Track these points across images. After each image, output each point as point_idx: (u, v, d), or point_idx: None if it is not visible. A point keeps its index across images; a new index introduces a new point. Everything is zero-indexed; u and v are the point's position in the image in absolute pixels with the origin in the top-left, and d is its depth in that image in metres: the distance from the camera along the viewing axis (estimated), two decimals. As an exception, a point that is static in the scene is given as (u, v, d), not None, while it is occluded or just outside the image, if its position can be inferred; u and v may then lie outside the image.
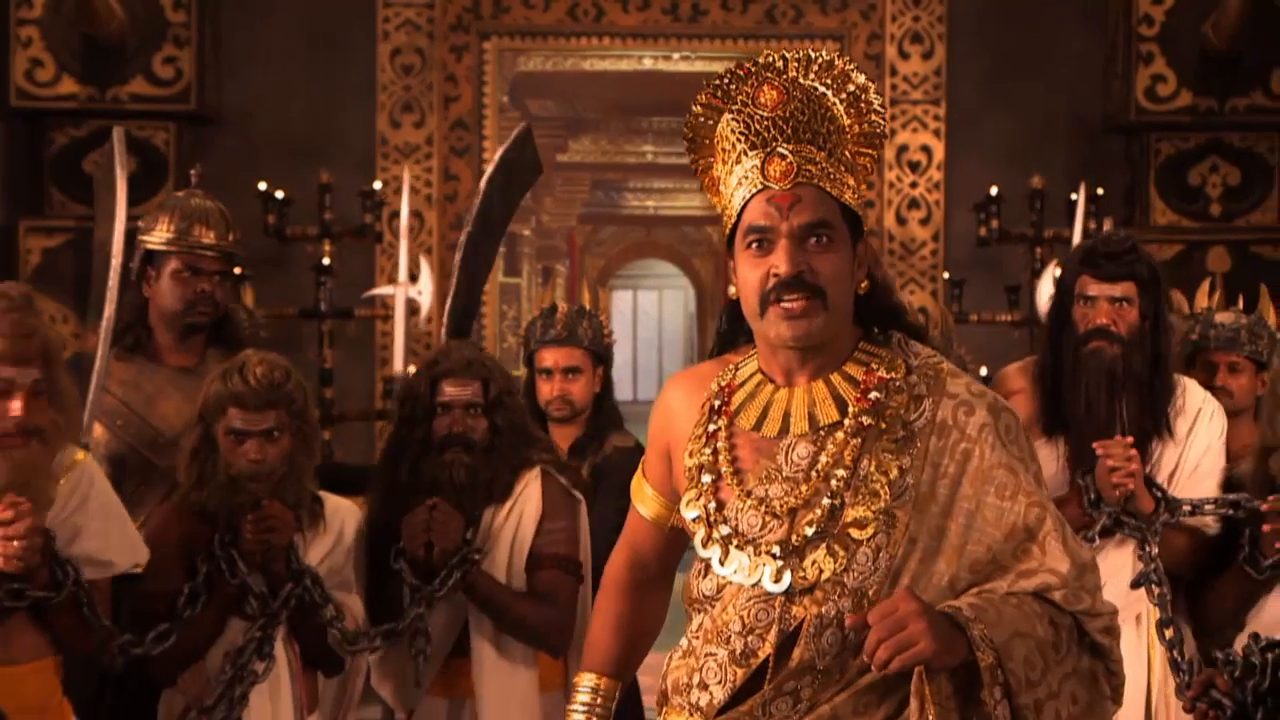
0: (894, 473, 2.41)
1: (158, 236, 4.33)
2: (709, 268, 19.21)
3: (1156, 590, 3.85)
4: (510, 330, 8.69)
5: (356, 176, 7.60)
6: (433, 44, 7.93)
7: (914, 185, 7.99)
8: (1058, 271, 6.58)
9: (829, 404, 2.46)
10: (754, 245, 2.42)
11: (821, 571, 2.40)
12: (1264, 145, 7.62)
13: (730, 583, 2.46)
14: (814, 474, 2.43)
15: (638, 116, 11.84)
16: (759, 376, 2.53)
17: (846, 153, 2.48)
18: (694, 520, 2.50)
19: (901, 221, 7.89)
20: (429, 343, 7.23)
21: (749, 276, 2.43)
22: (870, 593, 2.39)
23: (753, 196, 2.43)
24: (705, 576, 2.50)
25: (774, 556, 2.42)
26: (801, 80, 2.48)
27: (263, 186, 7.38)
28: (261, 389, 3.69)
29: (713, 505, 2.48)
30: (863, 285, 2.48)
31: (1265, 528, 3.82)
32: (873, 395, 2.45)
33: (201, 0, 7.62)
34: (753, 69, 2.50)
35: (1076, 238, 6.40)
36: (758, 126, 2.43)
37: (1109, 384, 3.92)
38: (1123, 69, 7.62)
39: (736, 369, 2.57)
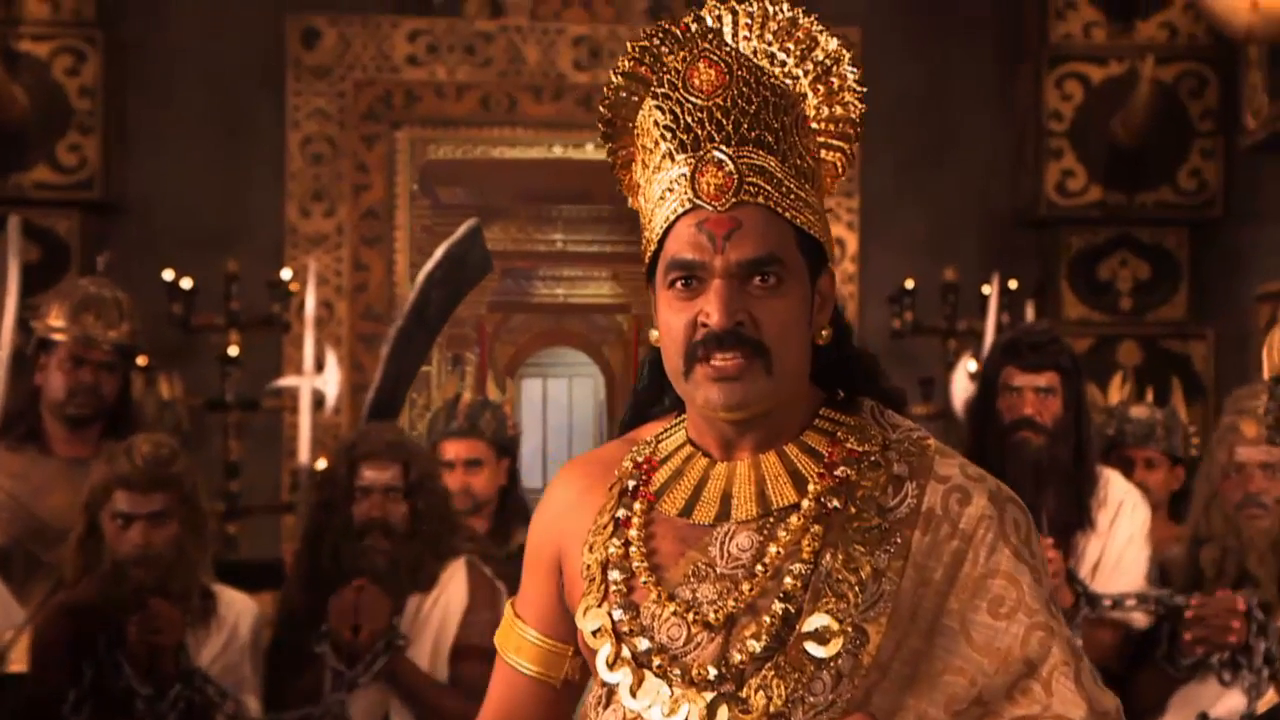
0: (866, 572, 1.81)
1: (46, 324, 4.24)
2: (618, 356, 19.23)
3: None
4: (420, 419, 8.59)
5: (265, 266, 7.48)
6: (343, 132, 7.85)
7: (827, 277, 7.98)
8: (971, 365, 6.61)
9: (784, 482, 1.85)
10: (679, 284, 1.82)
11: (770, 701, 1.78)
12: (1172, 240, 7.68)
13: (643, 718, 1.85)
14: (759, 569, 1.81)
15: (547, 204, 11.86)
16: (689, 449, 1.91)
17: (808, 155, 1.86)
18: (594, 633, 1.88)
19: (815, 313, 7.86)
20: (337, 434, 7.11)
21: (672, 323, 1.82)
22: None
23: (679, 218, 1.81)
24: (608, 707, 1.90)
25: (705, 685, 1.80)
26: (752, 46, 1.88)
27: (168, 275, 7.25)
28: (148, 467, 3.62)
29: (621, 612, 1.86)
30: (824, 334, 1.89)
31: (1186, 635, 3.79)
32: (840, 471, 1.85)
33: (107, 87, 7.51)
34: (690, 29, 1.88)
35: (989, 331, 6.41)
36: (688, 119, 1.80)
37: (1034, 476, 3.91)
38: (1033, 163, 7.68)
39: (657, 442, 1.95)
